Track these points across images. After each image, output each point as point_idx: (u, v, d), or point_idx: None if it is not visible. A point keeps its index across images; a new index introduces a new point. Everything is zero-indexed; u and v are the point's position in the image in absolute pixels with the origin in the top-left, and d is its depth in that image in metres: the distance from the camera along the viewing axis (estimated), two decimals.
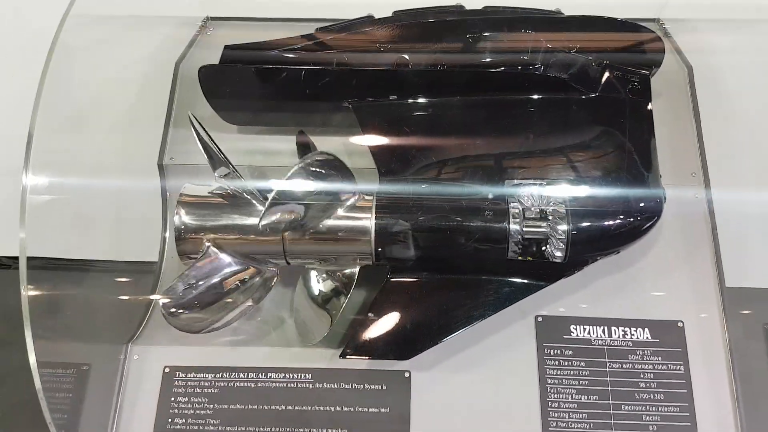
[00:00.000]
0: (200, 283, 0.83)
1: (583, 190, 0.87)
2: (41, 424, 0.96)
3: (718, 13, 1.11)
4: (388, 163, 0.91)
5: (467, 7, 1.01)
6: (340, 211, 0.85)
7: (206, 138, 0.88)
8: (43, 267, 0.79)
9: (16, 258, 1.05)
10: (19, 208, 1.07)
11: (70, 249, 0.92)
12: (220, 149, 0.88)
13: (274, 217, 0.81)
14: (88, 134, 0.97)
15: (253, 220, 0.85)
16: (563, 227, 0.83)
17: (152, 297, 0.95)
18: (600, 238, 0.86)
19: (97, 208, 0.97)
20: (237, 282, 0.85)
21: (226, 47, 0.98)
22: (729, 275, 0.93)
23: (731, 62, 1.07)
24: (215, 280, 0.84)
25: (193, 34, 1.15)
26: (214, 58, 0.98)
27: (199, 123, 0.88)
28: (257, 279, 0.86)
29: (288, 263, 0.88)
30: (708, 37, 1.10)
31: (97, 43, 0.97)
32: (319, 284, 0.90)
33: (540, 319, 0.92)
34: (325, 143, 0.98)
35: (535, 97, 0.94)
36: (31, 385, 1.00)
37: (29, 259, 0.76)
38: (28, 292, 0.75)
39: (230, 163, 0.88)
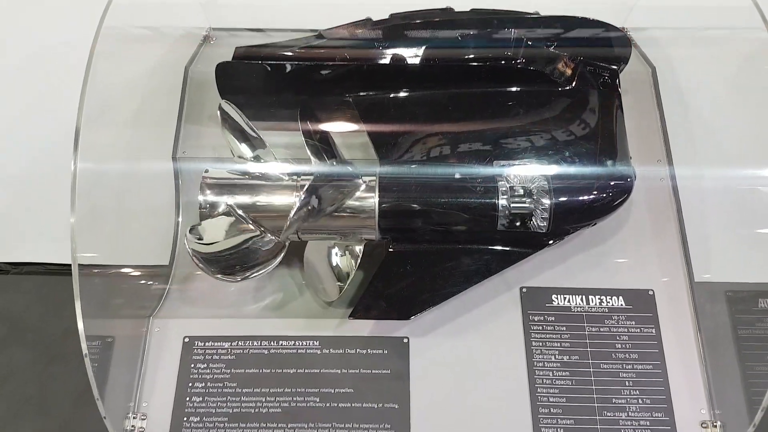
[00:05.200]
0: (219, 233, 0.91)
1: (563, 170, 0.94)
2: (48, 417, 1.00)
3: (676, 22, 1.19)
4: (387, 148, 0.97)
5: (456, 9, 1.07)
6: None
7: (241, 120, 0.96)
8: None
9: (15, 264, 1.13)
10: (14, 216, 1.15)
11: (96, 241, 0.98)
12: (254, 129, 0.96)
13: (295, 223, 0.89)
14: (111, 131, 1.03)
15: (272, 199, 0.92)
16: (546, 201, 0.90)
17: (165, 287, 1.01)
18: (578, 211, 0.93)
19: (115, 199, 1.03)
20: (252, 240, 0.92)
21: (237, 48, 1.04)
22: (693, 247, 1.00)
23: (689, 62, 1.15)
24: (233, 233, 0.91)
25: (198, 43, 1.21)
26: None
27: (234, 108, 0.96)
28: (271, 242, 0.93)
29: (299, 239, 0.95)
30: (668, 41, 1.18)
31: (118, 51, 1.05)
32: (336, 257, 0.97)
33: (524, 290, 0.98)
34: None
35: (518, 88, 1.01)
36: (36, 382, 1.04)
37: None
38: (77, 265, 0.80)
39: (265, 144, 0.96)
